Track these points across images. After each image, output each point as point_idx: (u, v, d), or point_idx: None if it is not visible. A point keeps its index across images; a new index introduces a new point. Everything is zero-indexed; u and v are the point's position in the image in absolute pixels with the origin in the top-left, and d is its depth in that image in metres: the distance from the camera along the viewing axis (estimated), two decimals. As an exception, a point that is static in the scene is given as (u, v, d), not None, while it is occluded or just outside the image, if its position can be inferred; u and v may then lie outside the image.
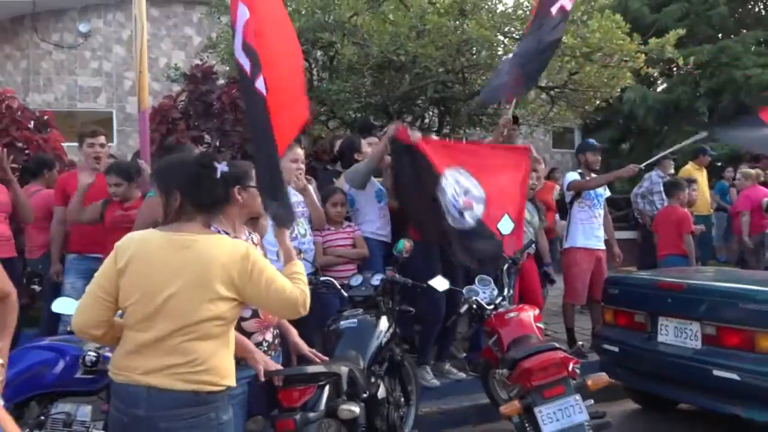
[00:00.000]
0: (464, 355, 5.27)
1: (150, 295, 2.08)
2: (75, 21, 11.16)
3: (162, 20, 11.16)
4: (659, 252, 6.00)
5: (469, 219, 4.29)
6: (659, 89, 14.30)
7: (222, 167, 2.26)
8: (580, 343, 5.23)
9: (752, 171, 8.08)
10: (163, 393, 2.03)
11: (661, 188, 7.34)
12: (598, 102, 7.37)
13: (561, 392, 2.85)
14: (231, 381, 2.16)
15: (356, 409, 2.77)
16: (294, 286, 2.26)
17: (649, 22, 12.55)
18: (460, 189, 4.33)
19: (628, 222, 9.90)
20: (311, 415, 2.61)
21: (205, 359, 2.08)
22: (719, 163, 11.14)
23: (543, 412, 2.83)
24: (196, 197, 2.20)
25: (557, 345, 3.09)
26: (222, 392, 2.12)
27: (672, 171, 8.12)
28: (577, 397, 2.86)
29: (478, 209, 4.32)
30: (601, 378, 3.03)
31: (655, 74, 12.99)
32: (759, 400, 3.61)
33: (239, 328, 2.64)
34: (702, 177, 8.99)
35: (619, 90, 7.14)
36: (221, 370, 2.12)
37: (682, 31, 6.83)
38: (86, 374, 2.99)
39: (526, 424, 2.99)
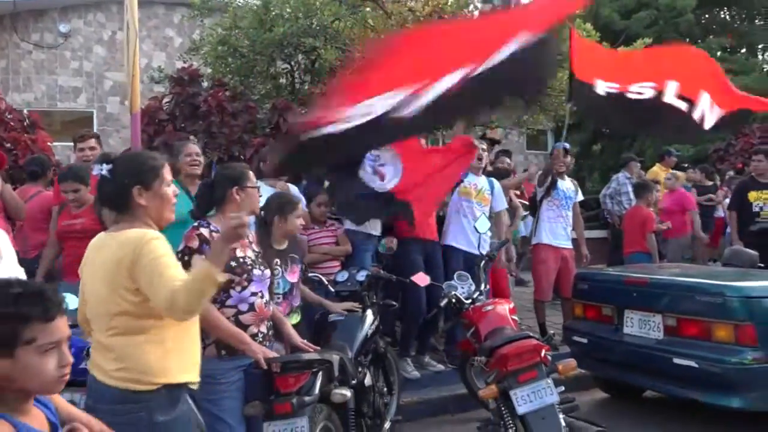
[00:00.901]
0: (442, 348, 5.52)
1: (88, 296, 2.22)
2: (55, 21, 11.17)
3: (143, 21, 11.19)
4: (625, 249, 6.31)
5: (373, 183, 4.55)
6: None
7: (97, 169, 2.20)
8: (552, 332, 5.50)
9: (680, 173, 8.36)
10: (99, 387, 2.10)
11: (629, 189, 7.67)
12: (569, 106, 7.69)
13: (534, 376, 3.10)
14: (168, 379, 2.10)
15: (348, 393, 3.00)
16: (176, 284, 1.99)
17: (619, 29, 12.98)
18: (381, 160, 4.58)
19: (598, 221, 10.26)
20: (306, 398, 2.81)
21: (126, 356, 2.07)
22: (686, 165, 11.56)
23: (518, 395, 3.08)
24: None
25: (531, 334, 3.36)
26: (153, 391, 2.06)
27: (639, 172, 8.46)
28: (549, 380, 3.11)
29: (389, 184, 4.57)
30: (570, 364, 3.30)
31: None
32: (715, 385, 3.90)
33: (237, 321, 2.85)
34: (668, 178, 9.40)
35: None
36: (149, 368, 2.07)
37: (649, 40, 7.18)
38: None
39: (502, 408, 3.24)
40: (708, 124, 5.15)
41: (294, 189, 4.44)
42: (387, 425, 3.94)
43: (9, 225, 4.42)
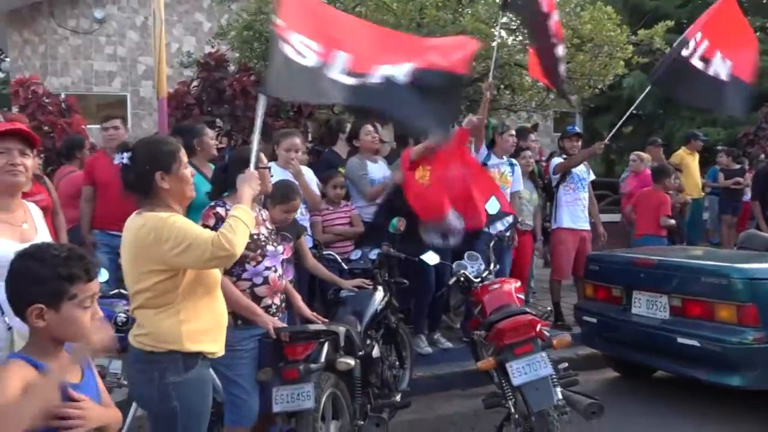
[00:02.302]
0: (458, 325, 5.69)
1: (123, 273, 2.46)
2: (91, 7, 11.53)
3: (174, 6, 11.50)
4: (637, 232, 6.37)
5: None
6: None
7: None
8: (549, 308, 5.62)
9: (645, 155, 8.04)
10: (130, 349, 2.44)
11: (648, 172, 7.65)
12: (591, 89, 7.70)
13: (529, 350, 3.24)
14: (178, 346, 2.34)
15: (351, 361, 3.19)
16: (212, 233, 2.32)
17: (649, 10, 12.75)
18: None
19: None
20: (313, 366, 3.02)
21: (145, 324, 2.37)
22: (718, 148, 11.40)
23: (513, 367, 3.22)
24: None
25: (528, 309, 3.50)
26: (165, 354, 2.33)
27: (660, 155, 8.43)
28: (543, 354, 3.24)
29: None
30: (564, 338, 3.44)
31: (657, 61, 13.15)
32: (717, 364, 4.01)
33: (252, 294, 3.07)
34: (693, 162, 9.32)
35: (611, 78, 7.45)
36: (162, 335, 2.35)
37: (670, 23, 7.11)
38: (117, 333, 3.39)
39: (502, 380, 3.41)
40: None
41: (309, 172, 4.60)
42: (398, 396, 4.14)
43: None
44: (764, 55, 12.13)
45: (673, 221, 6.30)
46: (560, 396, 3.38)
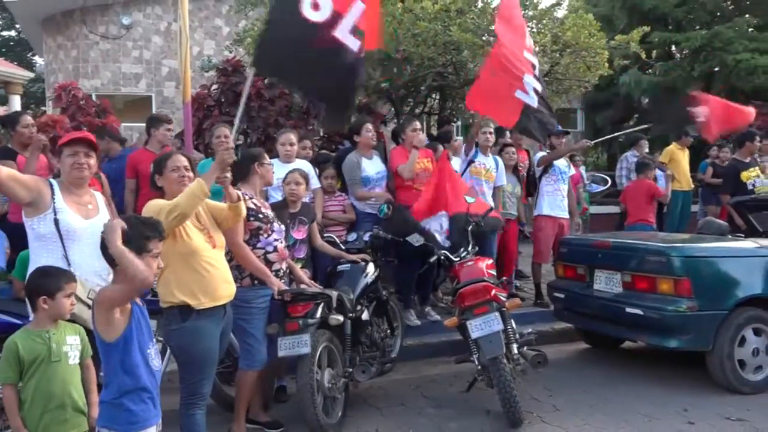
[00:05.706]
0: (443, 303, 6.39)
1: None
2: (119, 14, 12.42)
3: (195, 12, 12.31)
4: (628, 219, 7.03)
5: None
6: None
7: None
8: (504, 278, 6.26)
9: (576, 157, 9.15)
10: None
11: None
12: (579, 88, 8.34)
13: (485, 311, 3.95)
14: (171, 299, 3.09)
15: (340, 318, 3.94)
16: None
17: (647, 9, 13.27)
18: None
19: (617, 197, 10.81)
20: (310, 320, 3.77)
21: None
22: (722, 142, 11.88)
23: (472, 324, 3.94)
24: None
25: (486, 278, 4.19)
26: (167, 308, 3.09)
27: (646, 150, 9.07)
28: (497, 314, 3.93)
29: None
30: (515, 301, 4.16)
31: (653, 57, 13.68)
32: (657, 329, 4.66)
33: (265, 259, 3.82)
34: (684, 156, 9.89)
35: (596, 79, 8.08)
36: (160, 292, 3.14)
37: (647, 28, 7.71)
38: (154, 297, 4.15)
39: (467, 337, 4.13)
40: None
41: (307, 165, 5.31)
42: (394, 354, 4.95)
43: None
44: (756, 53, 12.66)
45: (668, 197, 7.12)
46: (516, 351, 4.11)
